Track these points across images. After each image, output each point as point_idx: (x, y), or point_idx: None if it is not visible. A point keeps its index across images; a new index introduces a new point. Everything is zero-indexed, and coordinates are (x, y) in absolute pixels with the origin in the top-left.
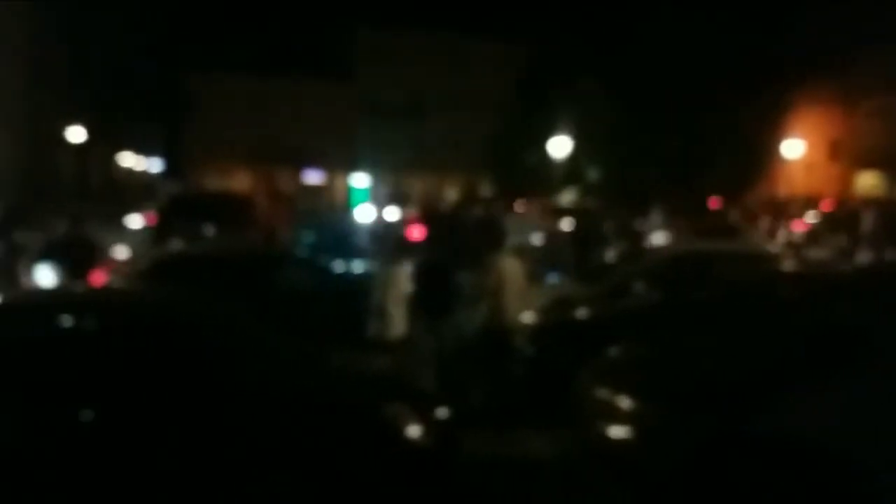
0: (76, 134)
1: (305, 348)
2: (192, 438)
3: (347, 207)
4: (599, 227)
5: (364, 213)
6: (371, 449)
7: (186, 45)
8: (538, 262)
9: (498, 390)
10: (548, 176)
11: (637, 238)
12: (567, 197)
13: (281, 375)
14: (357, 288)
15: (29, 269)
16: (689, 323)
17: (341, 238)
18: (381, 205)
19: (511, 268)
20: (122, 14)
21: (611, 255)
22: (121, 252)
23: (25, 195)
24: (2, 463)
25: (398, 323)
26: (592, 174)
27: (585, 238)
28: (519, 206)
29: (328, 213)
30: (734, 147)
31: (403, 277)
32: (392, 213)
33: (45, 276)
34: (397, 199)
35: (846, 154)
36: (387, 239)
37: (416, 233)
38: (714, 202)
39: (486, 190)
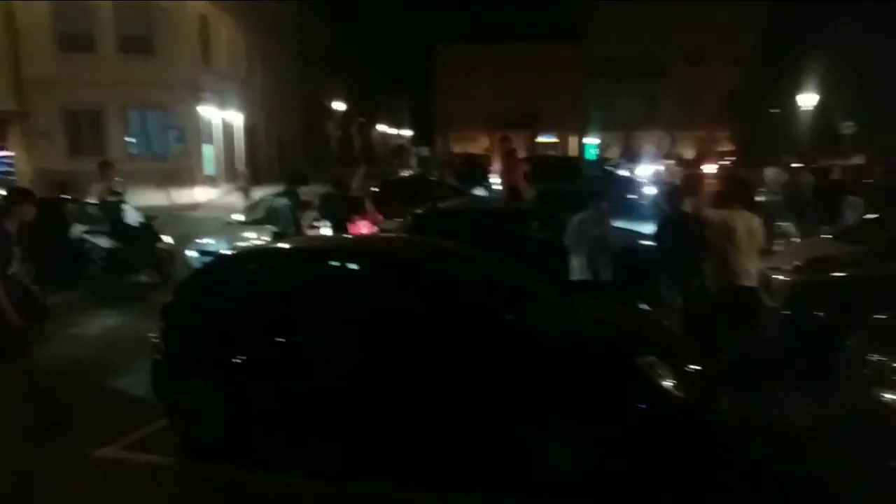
0: (338, 106)
1: (559, 295)
2: (453, 375)
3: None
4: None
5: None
6: (628, 395)
7: (428, 21)
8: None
9: (750, 349)
10: (795, 131)
11: None
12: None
13: (541, 320)
14: None
15: (309, 221)
16: None
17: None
18: (617, 164)
19: (743, 223)
20: None
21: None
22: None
23: (303, 158)
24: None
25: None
26: (847, 129)
27: (831, 193)
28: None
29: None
30: None
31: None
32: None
33: (320, 226)
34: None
35: None
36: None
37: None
38: None
39: (724, 147)
